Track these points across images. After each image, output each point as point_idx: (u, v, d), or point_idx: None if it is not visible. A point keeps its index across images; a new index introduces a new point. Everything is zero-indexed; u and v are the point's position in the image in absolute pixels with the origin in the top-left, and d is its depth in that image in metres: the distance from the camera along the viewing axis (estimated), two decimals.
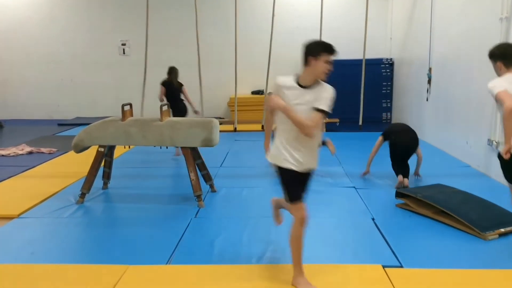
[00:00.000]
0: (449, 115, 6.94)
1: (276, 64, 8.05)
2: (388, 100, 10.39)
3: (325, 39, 8.18)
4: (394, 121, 10.30)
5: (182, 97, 7.03)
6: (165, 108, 4.89)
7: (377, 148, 5.61)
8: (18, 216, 4.43)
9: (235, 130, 8.20)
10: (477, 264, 3.33)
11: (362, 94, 7.59)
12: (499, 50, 3.48)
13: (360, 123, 7.70)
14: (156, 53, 8.13)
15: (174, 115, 6.36)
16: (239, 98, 10.11)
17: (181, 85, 7.03)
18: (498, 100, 3.25)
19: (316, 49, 2.85)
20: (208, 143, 4.66)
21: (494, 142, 5.45)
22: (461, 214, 3.87)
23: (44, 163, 6.58)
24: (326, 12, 8.03)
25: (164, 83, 6.97)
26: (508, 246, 3.60)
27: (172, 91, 6.90)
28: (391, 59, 10.26)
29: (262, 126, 7.95)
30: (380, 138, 5.59)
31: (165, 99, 6.76)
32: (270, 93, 3.65)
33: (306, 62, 2.88)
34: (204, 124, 4.70)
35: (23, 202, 4.75)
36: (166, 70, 7.46)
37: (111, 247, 3.74)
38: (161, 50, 9.71)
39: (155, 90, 7.79)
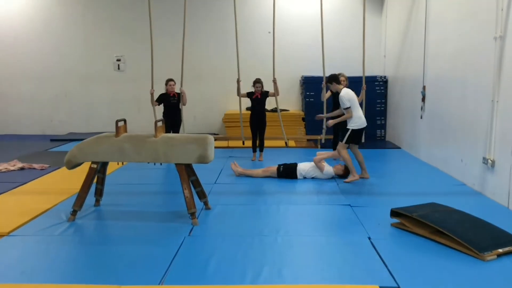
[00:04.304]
0: (444, 133, 6.95)
1: (270, 78, 8.08)
2: (382, 118, 10.42)
3: (320, 57, 8.27)
4: (388, 138, 10.32)
5: None
6: (159, 124, 4.85)
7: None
8: (8, 234, 4.33)
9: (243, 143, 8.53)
10: (476, 286, 3.28)
11: (363, 110, 7.71)
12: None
13: (363, 140, 7.85)
14: (149, 68, 8.14)
15: None
16: (234, 114, 10.11)
17: None
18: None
19: None
20: (203, 159, 4.61)
21: (489, 161, 5.45)
22: (459, 234, 3.83)
23: (36, 179, 6.50)
24: (320, 30, 8.09)
25: None
26: (506, 267, 3.55)
27: None
28: (385, 76, 10.31)
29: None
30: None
31: None
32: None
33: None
34: (199, 141, 4.65)
35: (14, 219, 4.66)
36: (162, 84, 7.54)
37: (103, 266, 3.67)
38: (157, 64, 9.69)
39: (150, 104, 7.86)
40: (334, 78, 6.70)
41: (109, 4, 11.01)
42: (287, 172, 6.59)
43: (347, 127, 6.50)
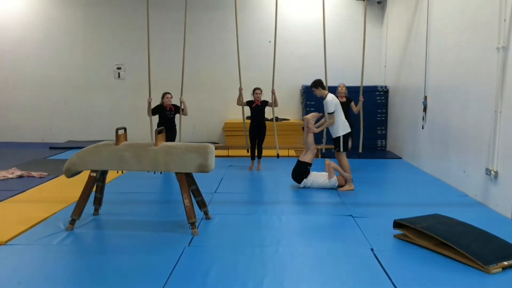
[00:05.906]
0: (446, 144, 6.91)
1: (270, 87, 8.06)
2: (383, 128, 10.39)
3: (321, 66, 8.22)
4: (389, 148, 10.27)
5: None
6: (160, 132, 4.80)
7: None
8: (5, 243, 4.26)
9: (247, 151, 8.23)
10: None
11: (361, 121, 7.67)
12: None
13: (360, 150, 7.82)
14: (153, 76, 8.10)
15: None
16: (235, 123, 10.09)
17: None
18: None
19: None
20: (203, 168, 4.56)
21: (492, 172, 5.40)
22: (463, 247, 3.77)
23: (34, 188, 6.43)
24: (321, 39, 8.08)
25: None
26: (511, 280, 3.49)
27: None
28: (385, 86, 10.30)
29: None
30: None
31: None
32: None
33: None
34: (199, 150, 4.61)
35: (11, 228, 4.60)
36: (162, 92, 7.53)
37: (101, 277, 3.60)
38: (158, 73, 9.64)
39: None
40: (318, 83, 6.68)
41: (110, 12, 11.01)
42: (302, 170, 6.49)
43: (338, 136, 6.61)
